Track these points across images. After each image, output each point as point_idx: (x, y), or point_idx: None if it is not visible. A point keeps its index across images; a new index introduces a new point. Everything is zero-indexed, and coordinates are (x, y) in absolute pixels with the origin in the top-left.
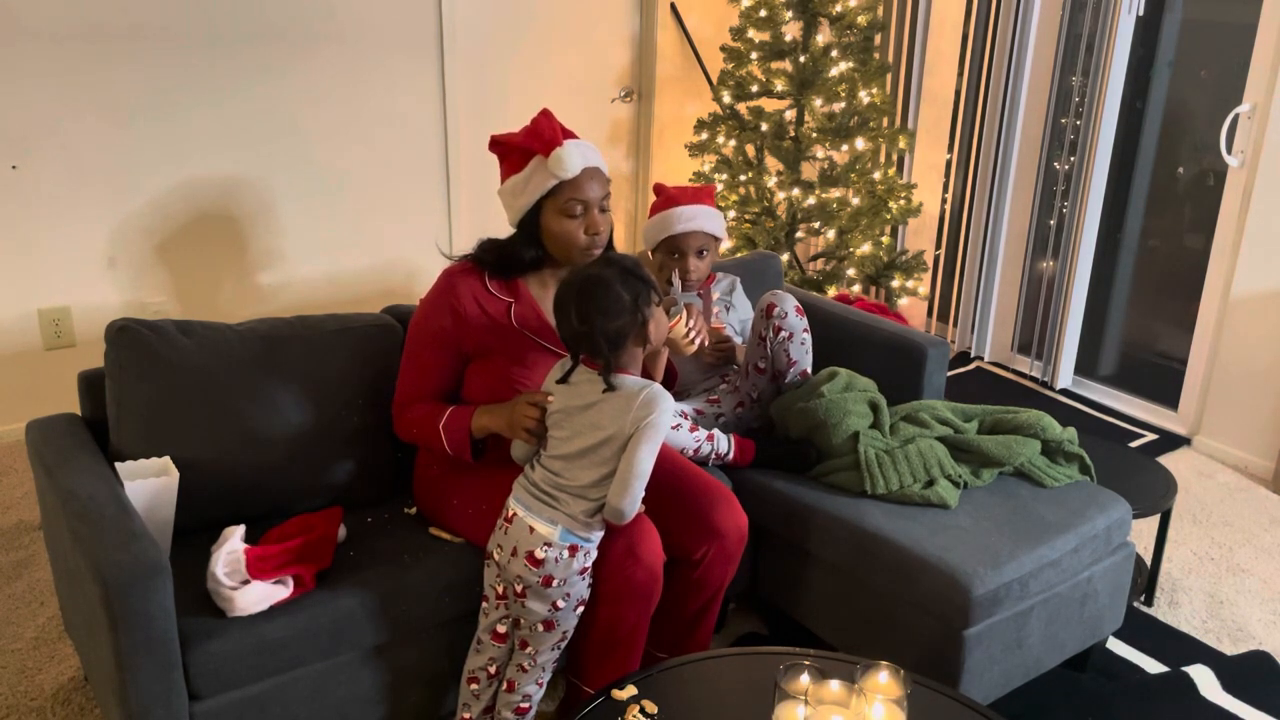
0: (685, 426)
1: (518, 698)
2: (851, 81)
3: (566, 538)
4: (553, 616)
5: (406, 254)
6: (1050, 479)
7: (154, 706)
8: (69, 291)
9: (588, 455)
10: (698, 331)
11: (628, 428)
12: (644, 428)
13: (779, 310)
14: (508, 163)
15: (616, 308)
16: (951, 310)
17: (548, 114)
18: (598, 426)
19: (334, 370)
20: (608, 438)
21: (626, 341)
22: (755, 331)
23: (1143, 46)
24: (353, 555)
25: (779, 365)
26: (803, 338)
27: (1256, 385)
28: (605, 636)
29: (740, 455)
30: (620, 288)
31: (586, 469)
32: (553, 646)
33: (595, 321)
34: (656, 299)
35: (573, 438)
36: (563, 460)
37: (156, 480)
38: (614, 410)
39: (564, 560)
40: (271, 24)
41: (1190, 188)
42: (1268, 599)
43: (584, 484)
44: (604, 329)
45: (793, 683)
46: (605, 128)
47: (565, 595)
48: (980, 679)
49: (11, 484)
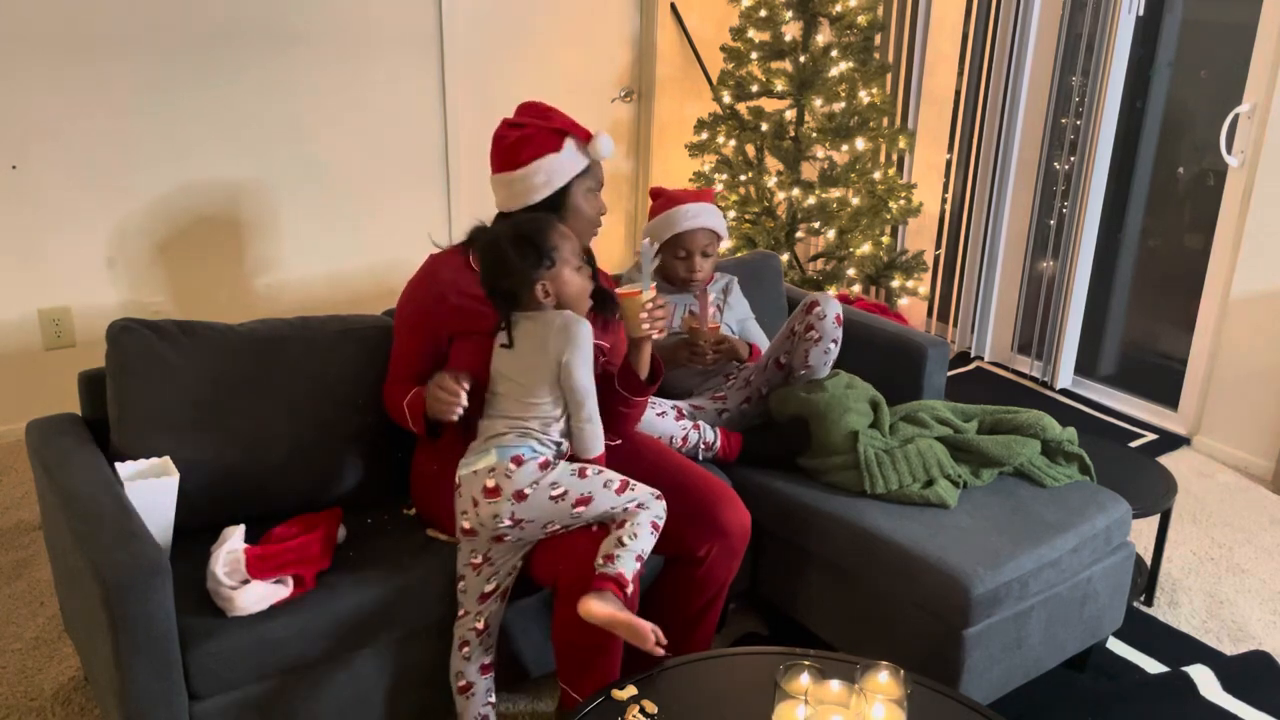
0: (671, 415)
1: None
2: (851, 81)
3: (504, 454)
4: (565, 514)
5: (406, 254)
6: (1050, 479)
7: (154, 706)
8: (69, 291)
9: (520, 391)
10: (657, 318)
11: (551, 354)
12: (571, 353)
13: (820, 310)
14: (532, 144)
15: (504, 266)
16: (951, 310)
17: (545, 105)
18: (526, 365)
19: (335, 371)
20: (531, 367)
21: (519, 299)
22: (789, 326)
23: (1143, 46)
24: (352, 556)
25: (795, 362)
26: (828, 346)
27: (1256, 385)
28: (576, 638)
29: (727, 447)
30: (508, 246)
31: (519, 400)
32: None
33: (488, 279)
34: (549, 263)
35: (510, 383)
36: (502, 407)
37: (156, 480)
38: (533, 343)
39: (515, 473)
40: (272, 24)
41: (1190, 188)
42: (1268, 599)
43: (515, 414)
44: (496, 286)
45: (793, 683)
46: (605, 127)
47: (556, 494)
48: (980, 679)
49: (11, 484)
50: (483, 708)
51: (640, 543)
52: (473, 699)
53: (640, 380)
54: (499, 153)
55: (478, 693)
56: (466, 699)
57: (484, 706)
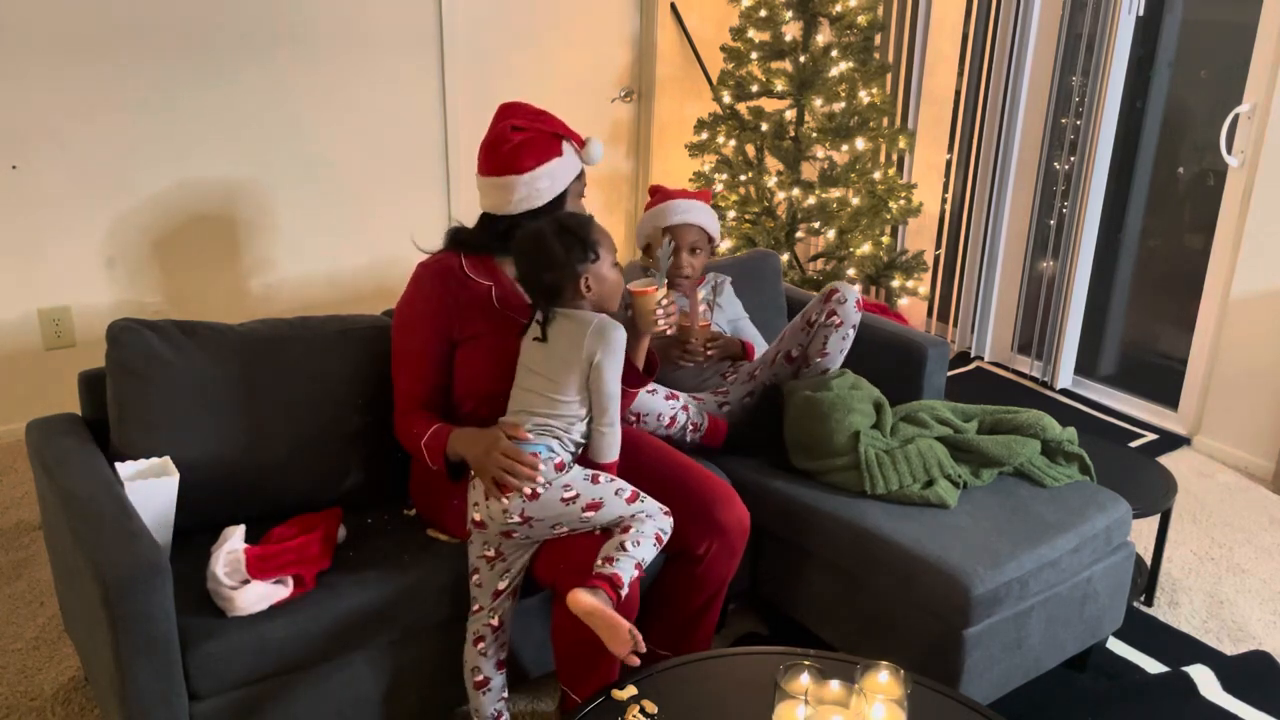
0: (661, 393)
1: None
2: (851, 81)
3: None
4: (574, 517)
5: (406, 254)
6: (1050, 479)
7: (154, 706)
8: (69, 291)
9: (548, 387)
10: (669, 314)
11: (584, 353)
12: (605, 356)
13: (839, 296)
14: (535, 149)
15: (549, 260)
16: (951, 310)
17: (532, 106)
18: (558, 362)
19: (334, 371)
20: (564, 364)
21: (563, 293)
22: (805, 317)
23: (1143, 46)
24: (352, 556)
25: (811, 350)
26: (848, 332)
27: (1256, 385)
28: (576, 640)
29: (713, 430)
30: (554, 241)
31: (546, 396)
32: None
33: (531, 273)
34: (594, 257)
35: (539, 378)
36: (526, 402)
37: (156, 480)
38: (568, 341)
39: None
40: (271, 24)
41: (1190, 188)
42: (1268, 599)
43: (540, 409)
44: (539, 281)
45: (793, 683)
46: (605, 128)
47: (568, 496)
48: (980, 679)
49: (11, 484)
50: (498, 703)
51: (641, 551)
52: (489, 694)
53: (638, 372)
54: (499, 156)
55: (494, 688)
56: (483, 694)
57: (499, 702)
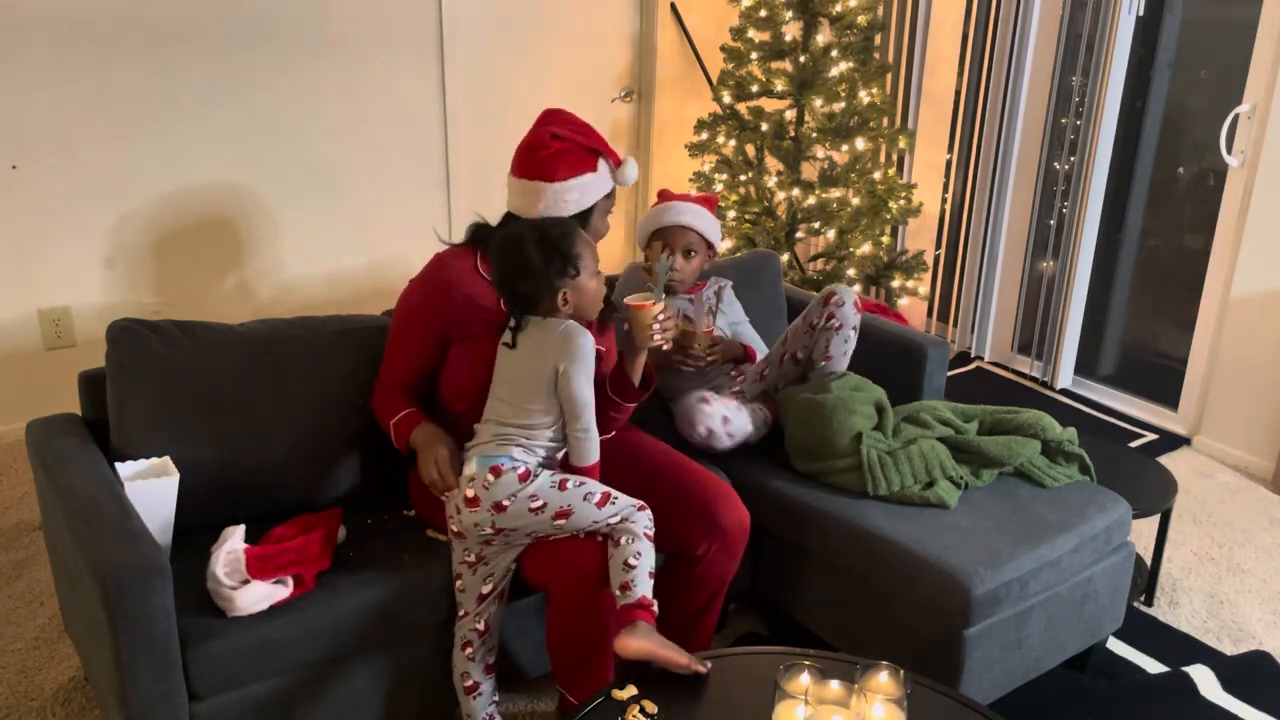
0: (746, 411)
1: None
2: (851, 81)
3: (483, 464)
4: (546, 525)
5: (406, 254)
6: (1050, 479)
7: (154, 706)
8: (69, 291)
9: (515, 395)
10: (666, 329)
11: (550, 362)
12: (570, 364)
13: (837, 299)
14: (570, 160)
15: (526, 270)
16: (951, 310)
17: (578, 118)
18: (524, 370)
19: (335, 371)
20: (528, 373)
21: (539, 304)
22: (807, 321)
23: (1143, 46)
24: (352, 556)
25: (816, 354)
26: (849, 334)
27: (1256, 385)
28: (570, 644)
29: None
30: (534, 250)
31: (513, 405)
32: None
33: (507, 280)
34: (574, 273)
35: (508, 387)
36: (496, 411)
37: (156, 480)
38: (535, 349)
39: (493, 485)
40: (271, 25)
41: (1190, 188)
42: (1268, 599)
43: (506, 419)
44: (514, 290)
45: (793, 683)
46: (605, 128)
47: (535, 506)
48: (980, 679)
49: (11, 484)
50: (489, 708)
51: (645, 559)
52: (479, 699)
53: (634, 386)
54: (534, 161)
55: (484, 693)
56: (473, 699)
57: (490, 706)
